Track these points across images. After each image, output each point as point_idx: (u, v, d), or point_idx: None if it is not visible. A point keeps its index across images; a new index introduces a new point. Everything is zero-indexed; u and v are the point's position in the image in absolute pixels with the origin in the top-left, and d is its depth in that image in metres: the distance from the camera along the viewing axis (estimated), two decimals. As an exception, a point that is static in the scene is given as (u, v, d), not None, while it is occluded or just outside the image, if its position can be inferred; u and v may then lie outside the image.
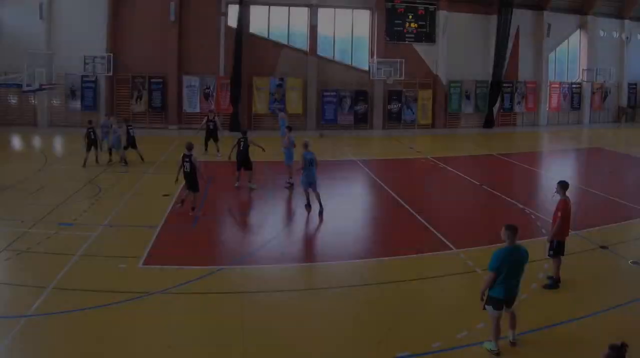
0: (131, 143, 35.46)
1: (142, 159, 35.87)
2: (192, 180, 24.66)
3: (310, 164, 24.88)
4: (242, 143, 29.21)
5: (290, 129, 31.51)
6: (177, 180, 24.95)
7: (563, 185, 17.46)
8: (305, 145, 25.41)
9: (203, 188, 26.53)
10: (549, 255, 17.48)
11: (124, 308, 15.24)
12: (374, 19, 56.80)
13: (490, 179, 33.81)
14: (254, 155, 29.80)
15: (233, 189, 29.30)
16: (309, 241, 22.82)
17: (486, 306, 13.28)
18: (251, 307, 15.67)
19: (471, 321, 14.41)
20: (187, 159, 24.58)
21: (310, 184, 25.21)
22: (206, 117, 40.27)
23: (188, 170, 24.63)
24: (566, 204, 17.22)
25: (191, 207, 24.75)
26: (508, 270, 12.92)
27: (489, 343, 13.22)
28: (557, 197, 17.54)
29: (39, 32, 50.41)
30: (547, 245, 17.50)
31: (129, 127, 35.55)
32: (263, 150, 30.78)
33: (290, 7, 55.41)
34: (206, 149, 39.20)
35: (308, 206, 25.45)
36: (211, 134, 39.47)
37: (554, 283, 17.17)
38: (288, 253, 20.62)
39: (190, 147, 24.69)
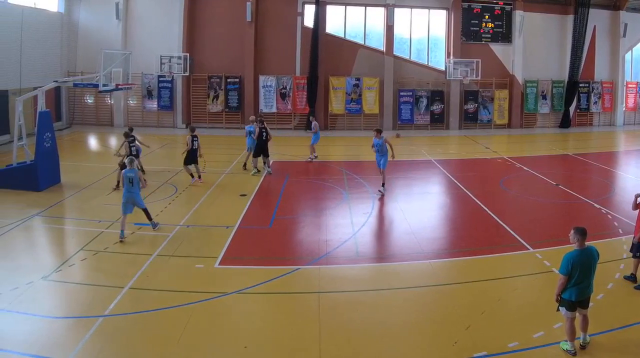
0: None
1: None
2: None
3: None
4: (264, 134, 32.73)
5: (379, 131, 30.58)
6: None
7: None
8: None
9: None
10: (634, 256, 17.19)
11: (200, 309, 15.31)
12: (450, 19, 56.20)
13: (567, 178, 33.58)
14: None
15: (308, 189, 29.37)
16: (384, 241, 22.68)
17: (560, 308, 13.36)
18: (327, 307, 15.62)
19: (548, 321, 14.35)
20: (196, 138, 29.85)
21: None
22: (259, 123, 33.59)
23: (196, 147, 29.86)
24: None
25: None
26: (579, 273, 12.92)
27: (565, 344, 13.21)
28: None
29: (115, 32, 51.45)
30: (634, 245, 17.24)
31: (130, 142, 28.87)
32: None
33: (367, 7, 55.22)
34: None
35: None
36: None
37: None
38: (363, 253, 20.50)
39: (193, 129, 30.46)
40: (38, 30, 45.67)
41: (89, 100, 53.53)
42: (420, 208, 27.34)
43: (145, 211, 21.92)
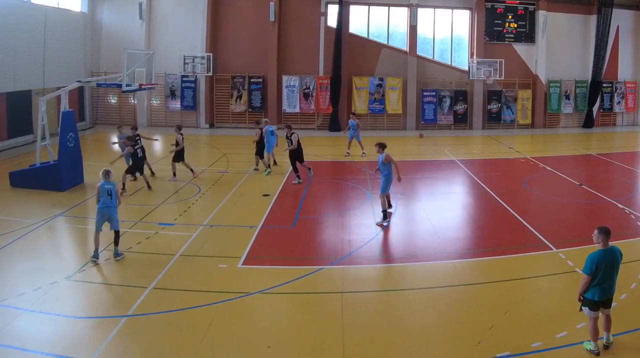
0: (138, 166, 29.62)
1: (153, 173, 32.40)
2: None
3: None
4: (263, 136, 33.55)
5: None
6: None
7: None
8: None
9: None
10: None
11: (223, 308, 15.33)
12: (473, 19, 56.00)
13: (590, 178, 33.31)
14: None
15: (331, 189, 29.53)
16: (407, 241, 22.51)
17: (582, 308, 13.33)
18: (350, 307, 15.61)
19: (572, 321, 14.30)
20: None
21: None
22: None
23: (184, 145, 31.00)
24: None
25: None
26: (603, 273, 12.88)
27: (589, 344, 13.18)
28: None
29: (138, 32, 51.88)
30: None
31: (135, 145, 29.44)
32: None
33: (390, 7, 55.13)
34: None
35: None
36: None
37: None
38: (387, 253, 20.67)
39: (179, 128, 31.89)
40: (61, 30, 46.01)
41: (112, 100, 53.90)
42: (444, 208, 27.25)
43: (117, 234, 19.23)
